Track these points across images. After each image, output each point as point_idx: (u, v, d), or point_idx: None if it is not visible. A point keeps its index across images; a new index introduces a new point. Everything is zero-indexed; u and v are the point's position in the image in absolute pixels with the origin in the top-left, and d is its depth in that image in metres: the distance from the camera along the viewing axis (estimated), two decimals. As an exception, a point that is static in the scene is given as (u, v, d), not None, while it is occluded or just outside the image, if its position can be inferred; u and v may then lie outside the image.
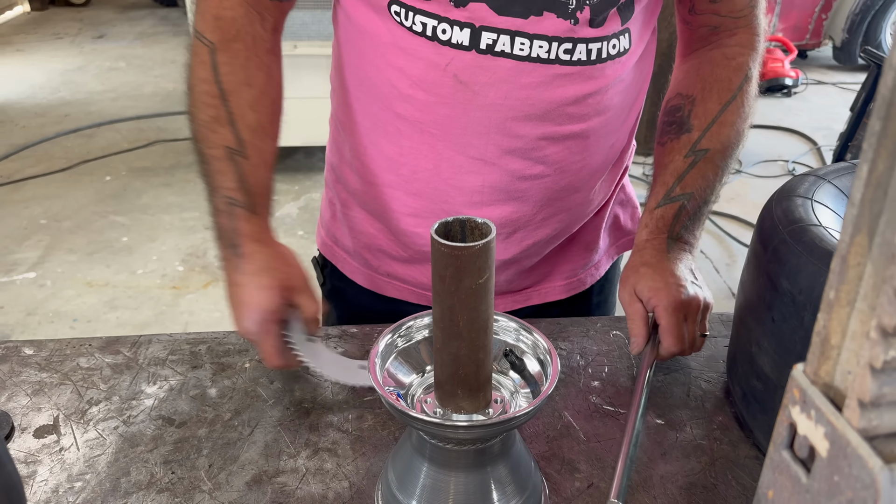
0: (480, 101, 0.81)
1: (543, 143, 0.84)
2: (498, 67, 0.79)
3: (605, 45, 0.81)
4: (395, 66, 0.82)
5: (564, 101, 0.82)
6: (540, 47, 0.78)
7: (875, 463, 0.30)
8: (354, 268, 1.03)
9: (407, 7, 0.79)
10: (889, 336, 0.30)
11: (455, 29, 0.78)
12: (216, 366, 0.88)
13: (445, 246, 0.54)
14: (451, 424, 0.58)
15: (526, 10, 0.76)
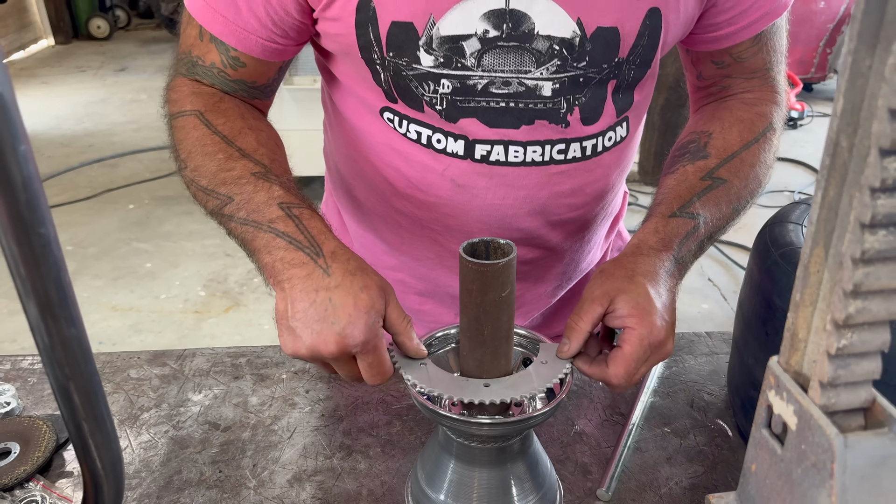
0: (479, 203, 0.82)
1: (543, 230, 0.87)
2: (494, 174, 0.80)
3: (599, 139, 0.81)
4: (392, 166, 0.83)
5: (562, 194, 0.83)
6: (534, 152, 0.79)
7: (832, 431, 0.37)
8: None
9: (399, 115, 0.79)
10: (840, 328, 0.37)
11: (450, 139, 0.79)
12: (256, 376, 0.96)
13: (473, 263, 0.62)
14: (476, 421, 0.65)
15: (517, 121, 0.77)
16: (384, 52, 0.74)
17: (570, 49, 0.74)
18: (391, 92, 0.78)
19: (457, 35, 0.72)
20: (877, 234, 0.35)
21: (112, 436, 0.46)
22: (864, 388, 0.39)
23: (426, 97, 0.77)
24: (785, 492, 0.41)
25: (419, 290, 0.96)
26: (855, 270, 0.35)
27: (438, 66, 0.74)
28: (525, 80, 0.75)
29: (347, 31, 0.74)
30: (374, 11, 0.72)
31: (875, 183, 0.34)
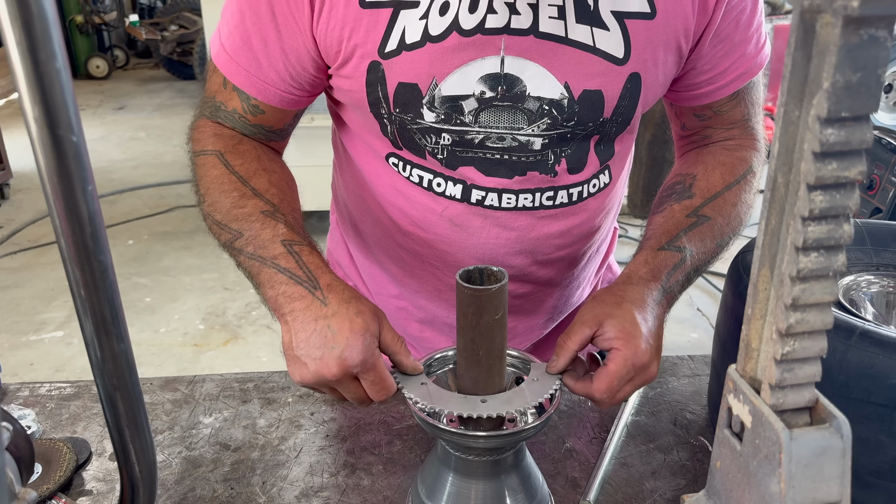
0: (474, 241, 0.89)
1: (533, 268, 0.93)
2: (488, 216, 0.87)
3: (585, 186, 0.89)
4: (395, 206, 0.90)
5: (550, 236, 0.90)
6: (525, 199, 0.86)
7: (780, 426, 0.44)
8: None
9: (403, 160, 0.87)
10: (784, 337, 0.43)
11: (449, 183, 0.86)
12: (263, 400, 1.01)
13: (468, 288, 0.69)
14: (473, 434, 0.70)
15: (510, 172, 0.84)
16: (391, 109, 0.82)
17: (560, 109, 0.81)
18: (396, 141, 0.85)
19: (457, 95, 0.80)
20: (809, 256, 0.41)
21: (149, 442, 0.51)
22: (808, 390, 0.45)
23: (428, 147, 0.84)
24: (744, 483, 0.47)
25: (419, 318, 1.02)
26: (793, 287, 0.42)
27: (440, 121, 0.81)
28: (518, 135, 0.82)
29: (358, 88, 0.81)
30: (384, 73, 0.79)
31: (805, 213, 0.40)
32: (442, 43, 0.77)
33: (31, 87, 0.37)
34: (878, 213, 2.35)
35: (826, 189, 0.40)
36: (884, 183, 2.33)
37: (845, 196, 0.40)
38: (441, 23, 0.77)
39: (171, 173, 4.75)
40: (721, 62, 0.87)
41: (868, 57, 0.37)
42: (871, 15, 0.36)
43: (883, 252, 0.94)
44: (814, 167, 0.39)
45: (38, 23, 0.35)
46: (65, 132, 0.38)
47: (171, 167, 4.88)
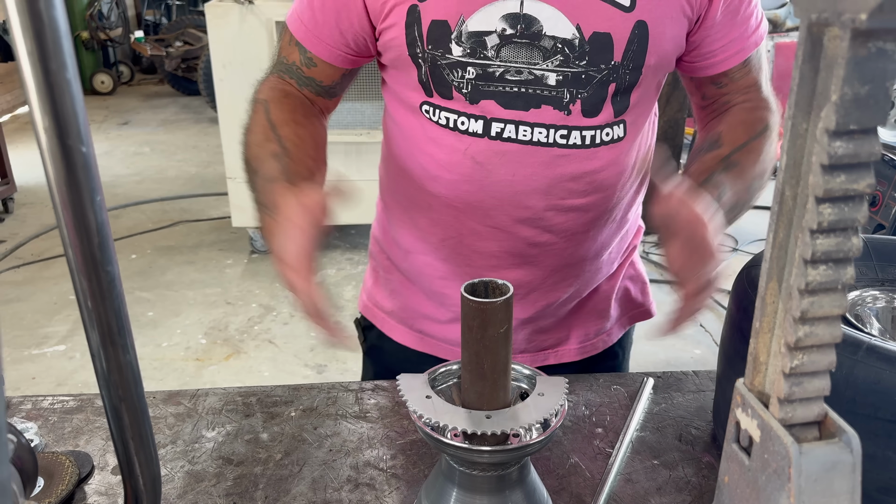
0: (494, 178, 0.97)
1: (549, 213, 0.99)
2: (506, 150, 0.95)
3: (598, 132, 0.95)
4: (426, 153, 1.00)
5: (564, 178, 0.96)
6: (540, 133, 0.94)
7: (789, 441, 0.43)
8: (392, 326, 1.16)
9: (434, 105, 0.97)
10: (792, 350, 0.43)
11: (471, 121, 0.95)
12: (266, 414, 1.00)
13: (473, 301, 0.68)
14: (477, 449, 0.70)
15: (526, 104, 0.93)
16: (425, 46, 0.92)
17: (571, 48, 0.90)
18: (429, 85, 0.96)
19: (481, 31, 0.90)
20: (818, 269, 0.41)
21: (153, 454, 0.51)
22: (817, 404, 0.45)
23: (455, 82, 0.94)
24: (752, 498, 0.47)
25: (443, 273, 1.08)
26: (801, 300, 0.42)
27: (465, 55, 0.91)
28: (534, 70, 0.91)
29: (399, 33, 0.93)
30: (419, 14, 0.91)
31: (813, 225, 0.40)
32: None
33: (41, 98, 0.37)
34: (882, 230, 2.35)
35: (835, 202, 0.40)
36: (886, 199, 2.33)
37: (854, 209, 0.40)
38: None
39: (174, 188, 4.76)
40: (731, 32, 0.97)
41: (876, 70, 0.37)
42: (880, 28, 0.36)
43: (888, 267, 0.94)
44: (822, 180, 0.39)
45: (49, 33, 0.35)
46: (74, 142, 0.38)
47: (174, 182, 4.90)
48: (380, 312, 1.18)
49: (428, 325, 1.13)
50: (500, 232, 1.00)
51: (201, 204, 4.46)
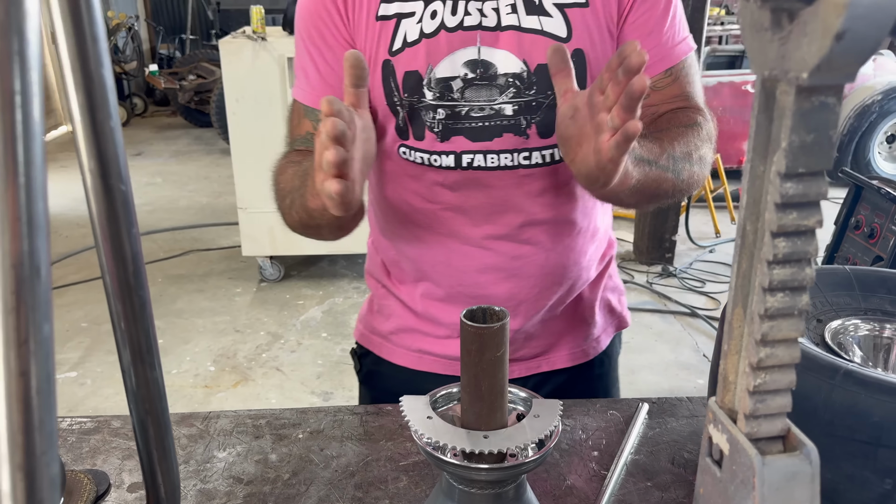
0: (471, 203, 1.06)
1: (525, 228, 1.08)
2: (478, 177, 1.04)
3: (555, 150, 1.03)
4: (408, 189, 1.09)
5: (532, 194, 1.06)
6: (505, 158, 1.03)
7: (753, 453, 0.47)
8: (390, 349, 1.22)
9: (409, 147, 1.06)
10: (755, 370, 0.48)
11: (443, 157, 1.04)
12: (275, 436, 1.05)
13: (471, 326, 0.73)
14: (476, 467, 0.74)
15: (490, 135, 1.02)
16: (401, 94, 1.02)
17: (522, 80, 1.01)
18: (406, 129, 1.05)
19: (447, 77, 1.01)
20: (776, 296, 0.46)
21: (174, 466, 0.55)
22: (780, 420, 0.49)
23: (428, 123, 1.03)
24: (724, 507, 0.51)
25: (437, 295, 1.14)
26: (762, 324, 0.46)
27: (436, 98, 1.02)
28: (493, 105, 1.02)
29: (377, 84, 1.03)
30: (393, 67, 1.02)
31: (770, 257, 0.45)
32: (434, 38, 1.00)
33: (88, 143, 0.42)
34: (880, 261, 2.38)
35: (788, 236, 0.45)
36: (884, 231, 2.37)
37: (805, 242, 0.45)
38: (432, 24, 1.01)
39: (185, 218, 4.84)
40: (646, 44, 1.02)
41: (820, 120, 0.43)
42: (820, 84, 0.41)
43: (871, 297, 0.98)
44: (776, 217, 0.44)
45: (98, 89, 0.41)
46: (115, 182, 0.43)
47: (186, 212, 4.98)
48: (377, 338, 1.24)
49: (426, 343, 1.18)
50: (483, 251, 1.08)
51: (212, 233, 4.54)
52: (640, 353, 3.26)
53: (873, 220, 2.44)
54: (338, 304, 3.63)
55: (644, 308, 3.64)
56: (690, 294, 3.77)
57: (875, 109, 4.92)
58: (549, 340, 1.19)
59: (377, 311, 1.24)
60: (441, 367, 1.18)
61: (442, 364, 1.18)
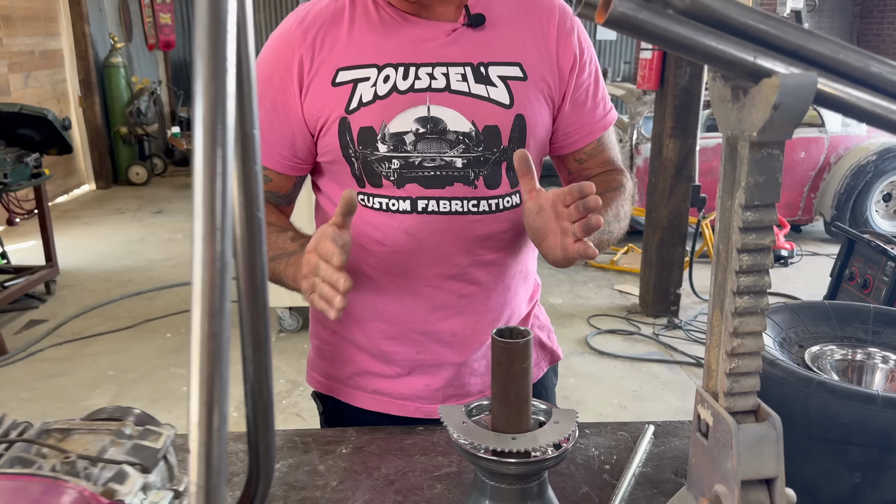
0: (424, 245, 1.17)
1: (472, 268, 1.20)
2: (431, 221, 1.16)
3: (500, 200, 1.18)
4: (364, 234, 1.18)
5: (479, 238, 1.18)
6: (456, 204, 1.16)
7: (731, 421, 0.62)
8: (348, 392, 1.31)
9: (367, 194, 1.18)
10: (730, 356, 0.62)
11: (400, 202, 1.16)
12: (321, 451, 1.18)
13: (501, 342, 0.88)
14: (506, 461, 0.87)
15: (442, 184, 1.15)
16: (356, 147, 1.15)
17: (470, 138, 1.15)
18: (361, 177, 1.17)
19: (400, 132, 1.13)
20: (743, 298, 0.61)
21: (272, 439, 0.69)
22: (752, 397, 0.64)
23: (383, 172, 1.15)
24: (710, 469, 0.65)
25: (388, 333, 1.25)
26: (733, 320, 0.61)
27: (390, 151, 1.14)
28: (444, 157, 1.15)
29: (333, 139, 1.15)
30: (349, 123, 1.14)
31: (737, 268, 0.60)
32: (387, 99, 1.13)
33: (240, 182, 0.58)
34: (875, 311, 2.51)
35: (749, 252, 0.60)
36: (877, 282, 2.51)
37: (763, 257, 0.60)
38: (385, 87, 1.13)
39: (206, 272, 5.01)
40: (581, 118, 1.24)
41: (768, 166, 0.58)
42: (767, 140, 0.57)
43: (846, 327, 1.12)
44: (740, 238, 0.60)
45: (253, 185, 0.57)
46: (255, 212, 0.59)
47: (206, 266, 5.15)
48: (334, 383, 1.33)
49: (380, 383, 1.27)
50: (433, 289, 1.20)
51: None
52: (648, 401, 3.36)
53: (866, 271, 2.59)
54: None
55: (651, 358, 3.76)
56: (695, 345, 3.88)
57: (870, 169, 5.12)
58: (487, 376, 1.27)
59: (330, 359, 1.33)
60: (394, 408, 1.27)
61: (395, 405, 1.27)
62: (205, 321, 0.48)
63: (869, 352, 1.07)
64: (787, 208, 5.38)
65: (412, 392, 1.27)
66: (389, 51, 1.14)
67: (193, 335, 0.48)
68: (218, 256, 0.48)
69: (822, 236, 5.74)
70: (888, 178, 5.16)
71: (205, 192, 0.47)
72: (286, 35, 1.17)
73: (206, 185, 0.47)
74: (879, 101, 0.57)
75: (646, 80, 4.08)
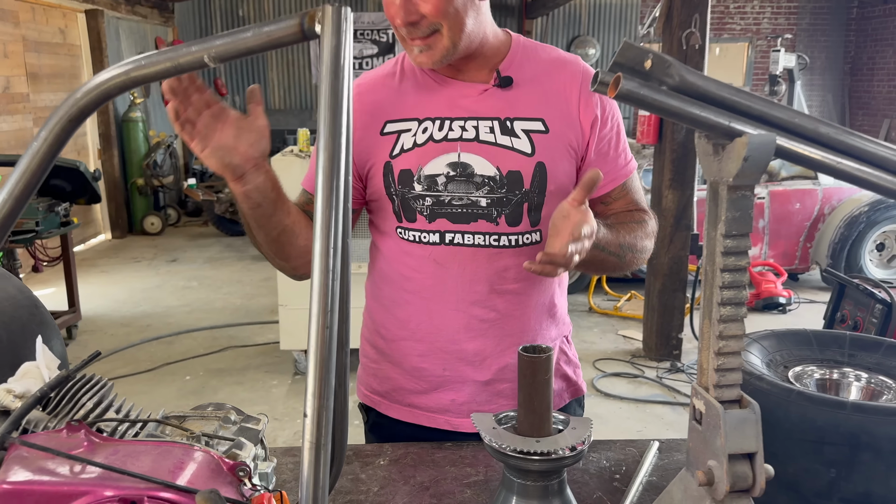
0: (450, 273, 1.34)
1: (492, 295, 1.35)
2: (457, 252, 1.33)
3: (520, 237, 1.33)
4: (401, 262, 1.39)
5: (500, 269, 1.34)
6: (479, 238, 1.33)
7: (719, 406, 0.77)
8: (387, 405, 1.48)
9: (404, 228, 1.37)
10: (717, 355, 0.78)
11: (430, 234, 1.34)
12: (361, 462, 1.32)
13: (527, 356, 1.03)
14: (531, 459, 1.02)
15: (468, 220, 1.32)
16: (396, 185, 1.34)
17: (495, 182, 1.31)
18: (400, 213, 1.36)
19: (433, 174, 1.32)
20: (726, 308, 0.77)
21: (346, 422, 0.85)
22: (735, 389, 0.79)
23: (418, 209, 1.33)
24: (704, 448, 0.80)
25: (419, 351, 1.41)
26: (718, 326, 0.77)
27: (424, 190, 1.32)
28: (470, 197, 1.32)
29: (378, 179, 1.35)
30: (392, 166, 1.33)
31: (720, 284, 0.77)
32: (424, 147, 1.32)
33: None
34: (866, 351, 2.66)
35: (730, 271, 0.77)
36: (866, 324, 2.66)
37: (740, 275, 0.77)
38: (423, 137, 1.33)
39: (222, 318, 5.17)
40: (604, 166, 1.34)
41: (742, 204, 0.76)
42: (740, 184, 0.75)
43: (826, 350, 1.27)
44: (721, 260, 0.76)
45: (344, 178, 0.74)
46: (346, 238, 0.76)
47: (222, 312, 5.31)
48: (375, 396, 1.50)
49: (413, 398, 1.43)
50: (458, 313, 1.36)
51: (247, 332, 4.85)
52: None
53: (856, 314, 2.74)
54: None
55: (655, 400, 3.88)
56: (698, 389, 4.00)
57: (863, 220, 5.32)
58: (514, 399, 1.42)
59: (373, 375, 1.50)
60: (426, 420, 1.43)
61: (427, 417, 1.43)
62: (320, 317, 0.65)
63: (844, 371, 1.22)
64: (784, 257, 5.56)
65: (440, 406, 1.42)
66: (429, 107, 1.34)
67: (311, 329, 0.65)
68: (331, 269, 0.65)
69: (818, 284, 5.90)
70: (880, 228, 5.35)
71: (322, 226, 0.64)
72: None
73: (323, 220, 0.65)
74: (828, 155, 0.75)
75: (645, 134, 4.31)
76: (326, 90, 0.66)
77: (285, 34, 0.69)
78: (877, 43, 9.80)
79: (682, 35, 3.66)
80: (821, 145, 0.75)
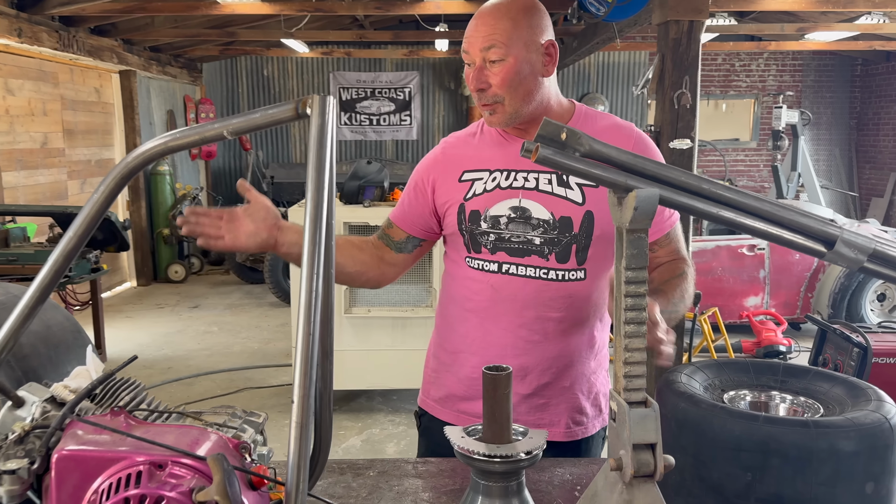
0: (503, 297, 1.57)
1: (539, 321, 1.57)
2: (512, 280, 1.56)
3: (567, 272, 1.55)
4: (465, 286, 1.63)
5: (546, 298, 1.55)
6: (531, 270, 1.55)
7: (625, 405, 0.96)
8: (440, 410, 1.70)
9: (471, 257, 1.61)
10: (624, 364, 0.97)
11: (491, 264, 1.58)
12: (353, 473, 1.50)
13: (490, 374, 1.23)
14: (491, 460, 1.21)
15: (522, 254, 1.55)
16: (467, 223, 1.59)
17: (548, 224, 1.54)
18: (468, 245, 1.61)
19: (497, 215, 1.57)
20: (630, 326, 0.97)
21: (330, 422, 1.05)
22: (641, 392, 0.98)
23: (483, 242, 1.58)
24: (616, 441, 0.99)
25: (474, 363, 1.62)
26: (623, 340, 0.97)
27: (489, 228, 1.57)
28: (526, 236, 1.55)
29: (453, 219, 1.62)
30: (464, 207, 1.60)
31: (624, 306, 0.97)
32: (492, 192, 1.58)
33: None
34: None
35: (631, 296, 0.97)
36: (845, 367, 2.81)
37: (640, 299, 0.97)
38: (491, 184, 1.59)
39: (240, 361, 5.38)
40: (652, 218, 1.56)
41: (638, 244, 0.96)
42: (634, 228, 0.95)
43: (761, 377, 1.45)
44: (624, 287, 0.97)
45: (328, 221, 0.96)
46: (329, 269, 0.97)
47: (240, 356, 5.53)
48: (430, 401, 1.73)
49: (462, 404, 1.65)
50: (508, 333, 1.58)
51: (263, 374, 5.06)
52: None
53: (837, 357, 2.89)
54: (375, 435, 4.04)
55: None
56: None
57: (863, 270, 5.44)
58: (552, 416, 1.63)
59: (433, 382, 1.74)
60: (470, 423, 1.63)
61: (471, 420, 1.61)
62: (306, 326, 0.86)
63: (772, 395, 1.40)
64: (785, 307, 5.68)
65: None
66: (499, 160, 1.61)
67: (299, 336, 0.86)
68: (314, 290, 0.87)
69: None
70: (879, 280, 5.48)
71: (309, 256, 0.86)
72: (435, 152, 1.71)
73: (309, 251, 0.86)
74: (707, 206, 0.96)
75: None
76: (313, 157, 0.89)
77: (284, 115, 0.92)
78: (881, 99, 10.03)
79: (673, 95, 3.90)
80: (703, 198, 0.96)
